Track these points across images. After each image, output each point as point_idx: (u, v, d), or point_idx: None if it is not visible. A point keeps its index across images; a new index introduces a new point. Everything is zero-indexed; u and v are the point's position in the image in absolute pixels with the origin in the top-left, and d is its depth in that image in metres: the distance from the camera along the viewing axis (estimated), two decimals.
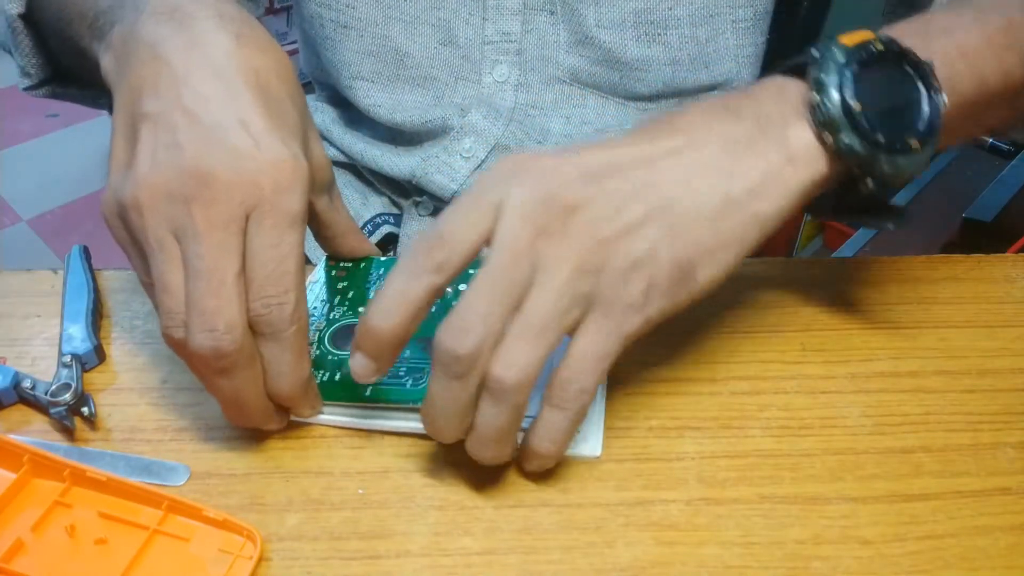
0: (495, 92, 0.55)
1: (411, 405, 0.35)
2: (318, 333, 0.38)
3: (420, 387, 0.35)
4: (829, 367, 0.39)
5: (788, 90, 0.33)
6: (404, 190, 0.61)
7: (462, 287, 0.39)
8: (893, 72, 0.33)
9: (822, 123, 0.31)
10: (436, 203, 0.58)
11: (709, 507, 0.33)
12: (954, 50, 0.35)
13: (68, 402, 0.35)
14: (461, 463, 0.34)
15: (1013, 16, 0.37)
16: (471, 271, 0.30)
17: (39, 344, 0.40)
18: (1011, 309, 0.43)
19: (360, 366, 0.31)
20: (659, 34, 0.52)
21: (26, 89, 0.50)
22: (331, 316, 0.39)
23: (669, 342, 0.40)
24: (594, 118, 0.56)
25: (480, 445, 0.31)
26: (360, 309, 0.40)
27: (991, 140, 1.88)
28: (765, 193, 0.31)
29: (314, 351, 0.37)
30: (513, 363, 0.28)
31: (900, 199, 1.55)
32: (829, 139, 0.31)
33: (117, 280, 0.43)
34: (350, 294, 0.40)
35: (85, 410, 0.36)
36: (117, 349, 0.40)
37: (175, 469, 0.34)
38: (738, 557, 0.31)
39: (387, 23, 0.54)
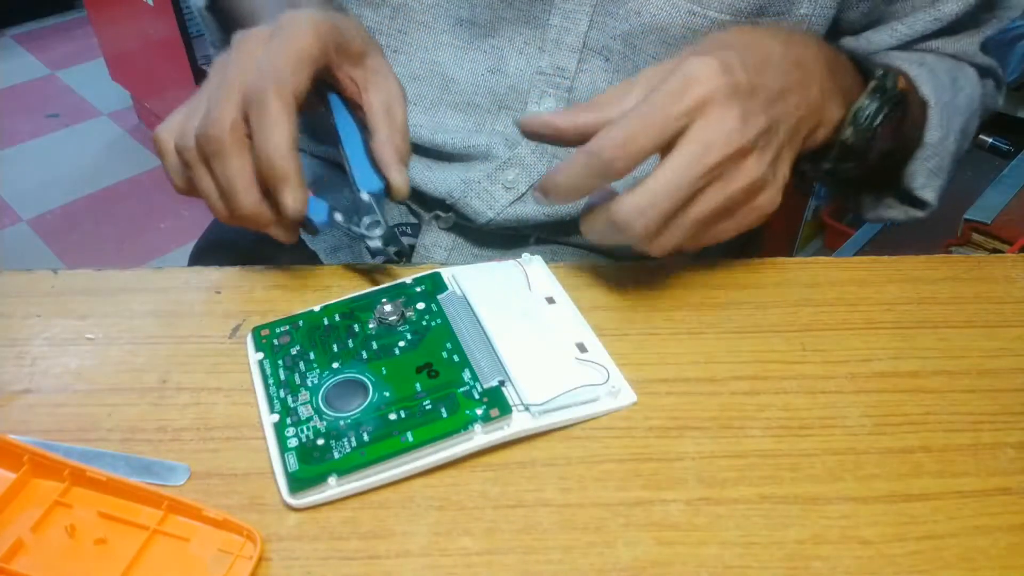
0: None
1: (439, 440, 0.34)
2: (311, 414, 0.35)
3: (432, 423, 0.34)
4: (829, 367, 0.39)
5: (856, 77, 0.45)
6: (426, 201, 0.60)
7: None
8: (896, 117, 0.45)
9: (854, 121, 0.43)
10: (459, 220, 0.58)
11: (709, 507, 0.33)
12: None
13: (381, 236, 0.41)
14: (461, 463, 0.34)
15: (919, 113, 0.50)
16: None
17: (39, 344, 0.40)
18: (1011, 309, 0.43)
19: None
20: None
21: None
22: (309, 384, 0.36)
23: (669, 342, 0.40)
24: None
25: (711, 205, 0.36)
26: (335, 365, 0.37)
27: (991, 140, 1.88)
28: (810, 141, 0.43)
29: (321, 428, 0.34)
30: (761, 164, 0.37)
31: None
32: (847, 131, 0.43)
33: (117, 280, 0.43)
34: (311, 355, 0.38)
35: (392, 248, 0.41)
36: (117, 349, 0.40)
37: (175, 469, 0.34)
38: (738, 557, 0.31)
39: (437, 48, 0.54)
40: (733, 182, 0.37)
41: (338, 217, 0.42)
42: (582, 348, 0.38)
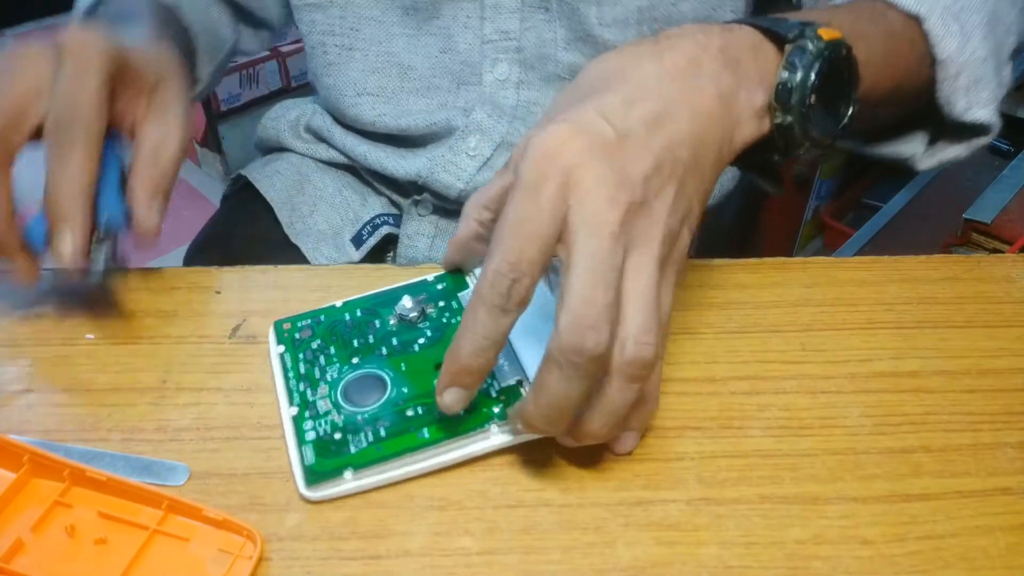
0: (496, 91, 0.56)
1: (455, 439, 0.34)
2: (329, 408, 0.35)
3: (449, 420, 0.34)
4: (829, 367, 0.39)
5: (764, 53, 0.35)
6: (404, 190, 0.61)
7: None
8: (842, 76, 0.36)
9: (779, 100, 0.35)
10: (437, 201, 0.59)
11: (709, 507, 0.33)
12: (864, 58, 0.38)
13: (103, 266, 0.39)
14: (460, 463, 0.34)
15: (913, 37, 0.42)
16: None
17: (39, 344, 0.40)
18: (1011, 309, 0.43)
19: (456, 400, 0.32)
20: (663, 30, 0.51)
21: None
22: (328, 378, 0.36)
23: (669, 342, 0.40)
24: None
25: (605, 427, 0.31)
26: (354, 360, 0.37)
27: (991, 140, 1.88)
28: (729, 149, 0.34)
29: (339, 422, 0.34)
30: (648, 340, 0.29)
31: (898, 201, 1.55)
32: (778, 114, 0.35)
33: (117, 280, 0.43)
34: (331, 349, 0.38)
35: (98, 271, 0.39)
36: (117, 349, 0.40)
37: (175, 469, 0.34)
38: (738, 557, 0.31)
39: (390, 40, 0.55)
40: (651, 241, 0.30)
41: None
42: None
